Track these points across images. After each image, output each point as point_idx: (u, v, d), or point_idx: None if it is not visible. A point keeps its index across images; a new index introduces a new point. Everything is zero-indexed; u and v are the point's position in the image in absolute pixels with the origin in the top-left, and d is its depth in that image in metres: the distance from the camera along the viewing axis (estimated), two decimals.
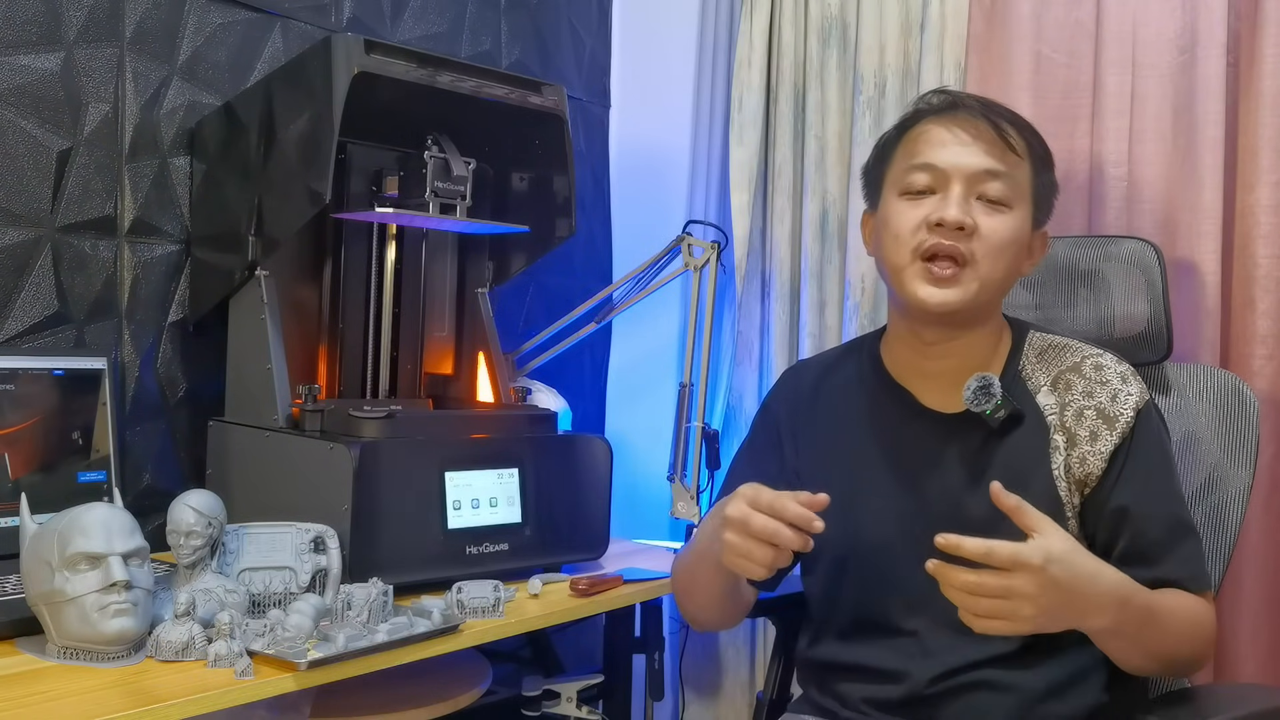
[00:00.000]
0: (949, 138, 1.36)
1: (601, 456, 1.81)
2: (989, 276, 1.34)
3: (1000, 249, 1.34)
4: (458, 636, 1.43)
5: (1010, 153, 1.34)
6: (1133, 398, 1.37)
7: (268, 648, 1.27)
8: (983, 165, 1.34)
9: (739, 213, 2.35)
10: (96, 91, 1.70)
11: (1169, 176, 1.98)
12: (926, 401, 1.43)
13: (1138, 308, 1.70)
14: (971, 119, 1.36)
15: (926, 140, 1.37)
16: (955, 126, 1.36)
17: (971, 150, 1.34)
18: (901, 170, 1.38)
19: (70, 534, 1.23)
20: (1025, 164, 1.37)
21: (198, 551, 1.36)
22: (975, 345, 1.41)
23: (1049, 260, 1.76)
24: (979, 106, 1.37)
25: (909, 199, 1.37)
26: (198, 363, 1.82)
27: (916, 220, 1.34)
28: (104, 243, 1.72)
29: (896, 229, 1.36)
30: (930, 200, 1.35)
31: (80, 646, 1.22)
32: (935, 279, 1.33)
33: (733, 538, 1.25)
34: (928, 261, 1.34)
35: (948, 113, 1.38)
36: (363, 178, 1.81)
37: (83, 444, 1.59)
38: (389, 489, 1.55)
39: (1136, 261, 1.72)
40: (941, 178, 1.35)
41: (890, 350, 1.48)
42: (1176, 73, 1.97)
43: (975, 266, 1.33)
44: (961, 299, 1.34)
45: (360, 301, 1.87)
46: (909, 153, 1.38)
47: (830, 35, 2.29)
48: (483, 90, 1.73)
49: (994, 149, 1.34)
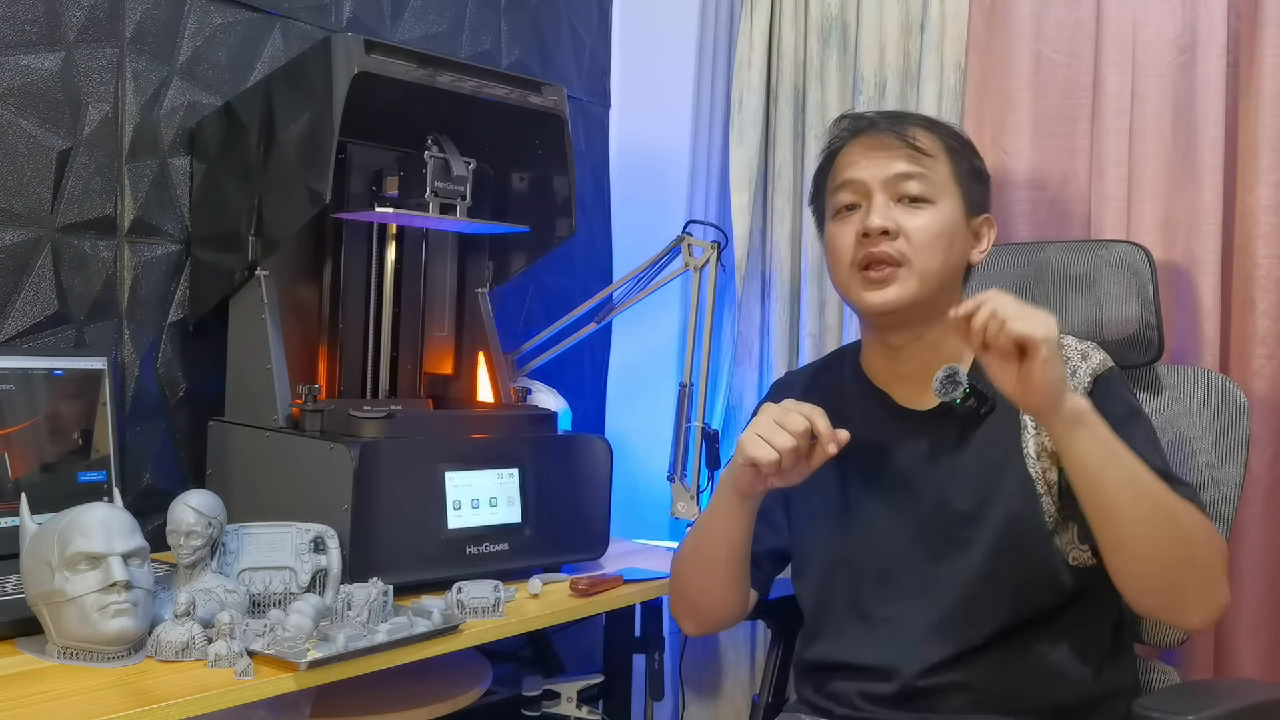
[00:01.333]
0: (862, 154, 1.45)
1: (601, 456, 1.81)
2: (926, 270, 1.40)
3: (929, 243, 1.41)
4: (458, 636, 1.43)
5: (920, 154, 1.42)
6: (1090, 365, 1.41)
7: (268, 648, 1.27)
8: (894, 170, 1.42)
9: (739, 213, 2.36)
10: (96, 91, 1.70)
11: (1169, 176, 1.98)
12: (903, 401, 1.48)
13: (1129, 310, 1.71)
14: (877, 135, 1.45)
15: (846, 162, 1.47)
16: (866, 143, 1.45)
17: (882, 159, 1.43)
18: (831, 195, 1.48)
19: (70, 534, 1.24)
20: (940, 159, 1.44)
21: (198, 551, 1.36)
22: (940, 342, 1.44)
23: (1040, 265, 1.77)
24: (884, 120, 1.47)
25: (840, 219, 1.46)
26: (198, 363, 1.83)
27: (850, 236, 1.43)
28: (104, 243, 1.72)
29: (835, 249, 1.46)
30: (858, 214, 1.44)
31: (80, 646, 1.23)
32: (872, 282, 1.41)
33: (761, 420, 1.35)
34: (864, 270, 1.42)
35: (860, 134, 1.47)
36: (363, 178, 1.82)
37: (83, 444, 1.60)
38: (389, 489, 1.55)
39: (1127, 265, 1.73)
40: (862, 190, 1.44)
41: (867, 358, 1.54)
42: (1176, 73, 1.98)
43: (910, 265, 1.40)
44: (900, 296, 1.40)
45: (360, 301, 1.87)
46: (835, 178, 1.48)
47: (830, 35, 2.29)
48: (483, 90, 1.74)
49: (903, 153, 1.43)
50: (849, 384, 1.54)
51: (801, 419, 1.33)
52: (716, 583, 1.50)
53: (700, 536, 1.50)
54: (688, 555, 1.54)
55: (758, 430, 1.34)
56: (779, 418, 1.34)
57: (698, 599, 1.54)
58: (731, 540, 1.46)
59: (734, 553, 1.47)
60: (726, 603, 1.53)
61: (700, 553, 1.50)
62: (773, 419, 1.34)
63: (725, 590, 1.51)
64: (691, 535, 1.53)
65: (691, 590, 1.54)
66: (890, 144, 1.43)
